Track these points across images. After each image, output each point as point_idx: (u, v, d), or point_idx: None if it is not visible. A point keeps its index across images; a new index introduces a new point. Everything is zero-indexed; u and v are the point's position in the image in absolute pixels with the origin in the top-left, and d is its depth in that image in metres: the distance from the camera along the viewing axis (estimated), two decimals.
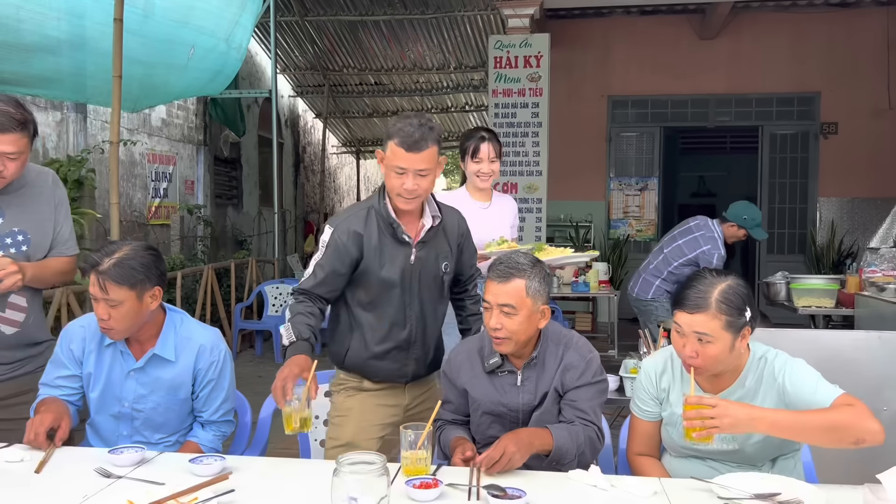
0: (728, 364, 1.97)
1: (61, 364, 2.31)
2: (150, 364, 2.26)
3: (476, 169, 3.24)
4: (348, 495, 1.61)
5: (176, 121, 8.15)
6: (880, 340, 3.08)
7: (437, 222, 2.36)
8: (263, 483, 1.85)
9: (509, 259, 2.18)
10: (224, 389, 2.35)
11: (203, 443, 2.33)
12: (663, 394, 2.09)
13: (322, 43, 10.29)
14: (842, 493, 1.77)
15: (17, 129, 2.24)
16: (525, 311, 2.12)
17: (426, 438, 1.89)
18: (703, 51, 9.13)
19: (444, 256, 2.41)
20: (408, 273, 2.34)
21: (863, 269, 4.62)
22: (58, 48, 5.17)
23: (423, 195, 2.29)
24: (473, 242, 2.59)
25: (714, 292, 1.91)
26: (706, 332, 1.89)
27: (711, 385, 2.03)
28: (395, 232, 2.31)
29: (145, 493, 1.69)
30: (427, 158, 2.21)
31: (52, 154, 6.08)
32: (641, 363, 2.26)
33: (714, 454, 2.03)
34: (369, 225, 2.32)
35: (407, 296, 2.36)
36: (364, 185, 14.46)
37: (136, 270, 2.16)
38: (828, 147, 9.09)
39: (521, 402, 2.19)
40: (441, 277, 2.42)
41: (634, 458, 2.15)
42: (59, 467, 1.97)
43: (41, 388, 2.31)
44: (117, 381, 2.27)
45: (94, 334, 2.29)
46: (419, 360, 2.44)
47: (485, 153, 3.22)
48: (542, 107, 7.77)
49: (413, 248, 2.33)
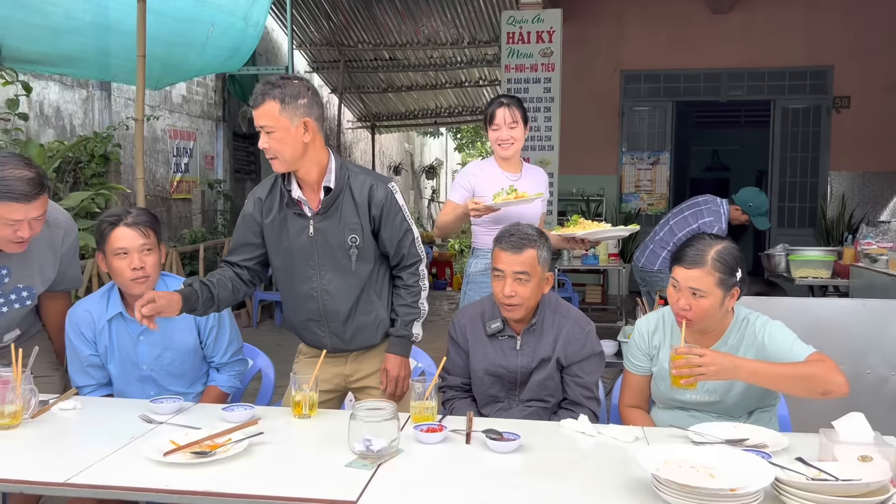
0: (715, 320, 2.17)
1: (80, 354, 2.47)
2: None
3: (495, 137, 3.09)
4: (363, 437, 1.83)
5: (196, 97, 8.35)
6: (865, 308, 3.25)
7: (336, 191, 2.28)
8: (287, 428, 2.08)
9: (519, 230, 2.37)
10: (227, 332, 2.57)
11: (221, 384, 2.57)
12: (654, 350, 2.29)
13: (337, 18, 10.40)
14: (804, 439, 1.96)
15: (42, 192, 2.21)
16: (536, 279, 2.33)
17: (433, 390, 2.11)
18: (716, 25, 9.16)
19: (353, 229, 2.31)
20: (308, 245, 2.32)
21: (858, 241, 4.76)
22: (83, 29, 5.36)
23: (280, 156, 2.20)
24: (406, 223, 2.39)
25: (711, 251, 2.11)
26: (700, 287, 2.09)
27: (698, 342, 2.21)
28: (292, 202, 2.30)
29: (185, 435, 1.91)
30: (263, 114, 2.15)
31: (78, 131, 6.32)
32: (637, 323, 2.43)
33: (697, 405, 2.24)
34: (273, 194, 2.34)
35: (309, 268, 2.35)
36: (379, 160, 14.62)
37: (158, 221, 2.46)
38: (840, 121, 9.12)
39: (520, 365, 2.40)
40: (348, 251, 2.32)
41: (625, 409, 2.37)
42: (107, 415, 2.21)
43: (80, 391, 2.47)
44: (129, 347, 2.47)
45: (98, 314, 2.46)
46: (337, 333, 2.42)
47: (501, 119, 3.06)
48: (554, 82, 7.87)
49: (310, 219, 2.31)
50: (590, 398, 2.39)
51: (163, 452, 1.80)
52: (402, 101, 13.26)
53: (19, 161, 2.21)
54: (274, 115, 2.15)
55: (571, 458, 1.88)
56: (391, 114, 13.72)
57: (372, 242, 2.36)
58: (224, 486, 1.67)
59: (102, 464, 1.79)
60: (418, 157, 19.79)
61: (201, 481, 1.69)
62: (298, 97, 2.17)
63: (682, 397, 2.23)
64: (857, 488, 1.47)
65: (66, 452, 1.89)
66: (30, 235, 2.24)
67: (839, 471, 1.58)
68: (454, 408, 2.43)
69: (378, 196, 2.32)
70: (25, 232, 2.22)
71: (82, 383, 2.50)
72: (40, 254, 2.42)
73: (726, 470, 1.58)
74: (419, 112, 13.60)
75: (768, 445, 1.88)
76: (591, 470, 1.79)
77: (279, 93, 2.15)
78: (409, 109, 13.59)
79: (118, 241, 2.36)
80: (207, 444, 1.86)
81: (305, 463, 1.83)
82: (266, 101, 2.15)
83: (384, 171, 15.80)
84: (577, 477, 1.74)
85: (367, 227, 2.33)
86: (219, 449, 1.84)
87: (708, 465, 1.61)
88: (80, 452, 1.86)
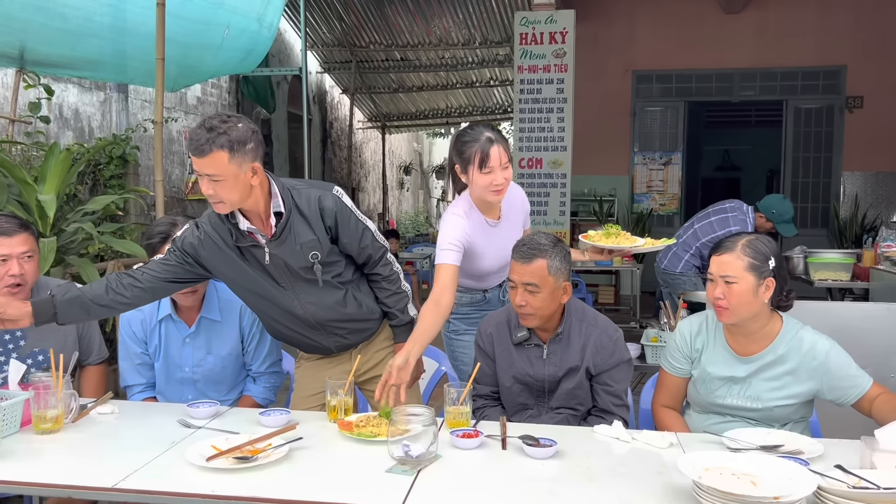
0: (751, 311, 2.15)
1: (132, 352, 2.58)
2: (201, 328, 2.55)
3: (488, 181, 2.54)
4: (402, 443, 1.85)
5: (210, 98, 8.39)
6: (888, 311, 3.25)
7: (286, 215, 2.21)
8: (324, 433, 2.10)
9: (531, 240, 2.36)
10: (267, 343, 2.64)
11: (255, 395, 2.63)
12: (696, 353, 2.31)
13: (349, 19, 10.43)
14: (839, 446, 1.97)
15: (22, 230, 2.42)
16: (548, 289, 2.31)
17: (467, 395, 2.12)
18: (728, 25, 9.15)
19: (310, 246, 2.25)
20: (271, 270, 2.27)
21: (878, 243, 4.76)
22: (102, 32, 5.40)
23: (228, 201, 2.12)
24: (360, 223, 2.33)
25: (742, 239, 2.18)
26: (730, 272, 2.12)
27: (744, 348, 2.22)
28: (241, 235, 2.23)
29: (225, 440, 1.94)
30: (211, 164, 2.04)
31: (96, 133, 6.36)
32: (678, 325, 2.43)
33: (736, 410, 2.24)
34: (219, 228, 2.25)
35: (283, 289, 2.30)
36: (389, 160, 14.65)
37: None
38: (853, 121, 9.10)
39: (547, 374, 2.40)
40: (312, 268, 2.27)
41: (659, 408, 2.38)
42: (145, 418, 2.24)
43: (128, 390, 2.60)
44: (175, 349, 2.55)
45: (150, 314, 2.57)
46: (337, 333, 2.41)
47: (496, 160, 2.53)
48: (567, 83, 7.88)
49: (265, 247, 2.24)
50: (620, 405, 2.40)
51: (205, 458, 1.83)
52: (413, 102, 13.29)
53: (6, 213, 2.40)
54: (222, 165, 2.04)
55: (608, 464, 1.90)
56: (402, 114, 13.75)
57: (333, 250, 2.31)
58: (268, 491, 1.70)
59: (147, 468, 1.82)
60: (427, 156, 19.83)
61: (245, 486, 1.72)
62: (246, 142, 2.06)
63: (722, 401, 2.24)
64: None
65: (109, 457, 1.92)
66: (20, 273, 2.39)
67: (879, 479, 1.59)
68: (485, 415, 2.44)
69: (328, 206, 2.26)
70: (15, 268, 2.39)
71: (133, 382, 2.58)
72: None
73: (768, 477, 1.60)
74: (430, 112, 13.62)
75: (804, 452, 1.89)
76: (628, 476, 1.81)
77: (226, 140, 2.03)
78: (419, 109, 13.61)
79: None
80: (248, 449, 1.89)
81: (346, 468, 1.85)
82: (213, 150, 2.02)
83: (393, 171, 15.84)
84: (615, 483, 1.76)
85: (325, 238, 2.27)
86: (260, 454, 1.87)
87: (749, 473, 1.63)
88: (123, 457, 1.89)
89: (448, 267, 2.54)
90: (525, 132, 7.99)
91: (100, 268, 4.56)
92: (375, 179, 14.74)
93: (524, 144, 8.02)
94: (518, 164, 8.07)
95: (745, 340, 2.23)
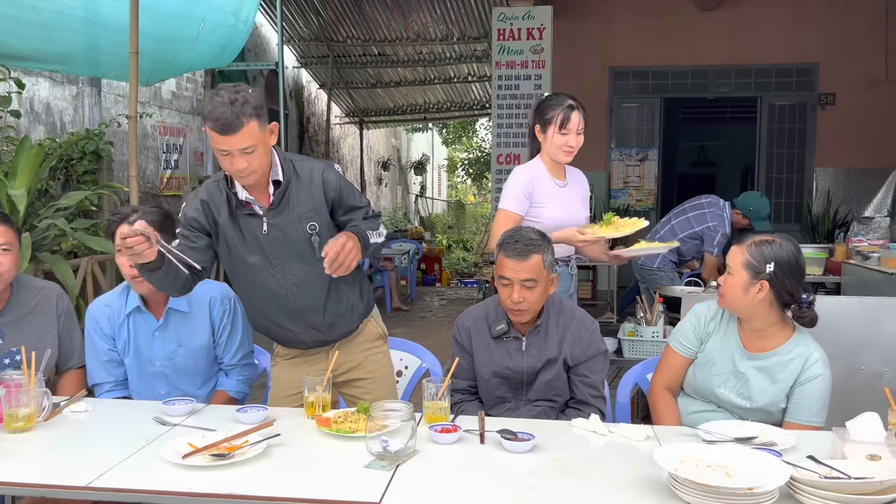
0: (744, 309, 2.23)
1: (99, 349, 2.51)
2: (170, 320, 2.50)
3: (563, 142, 2.90)
4: (380, 437, 1.85)
5: (185, 93, 8.30)
6: (860, 305, 3.30)
7: (285, 183, 2.22)
8: (302, 429, 2.09)
9: (522, 237, 2.37)
10: (239, 334, 2.61)
11: (229, 389, 2.60)
12: (706, 336, 2.37)
13: (326, 14, 10.37)
14: (810, 437, 2.01)
15: (1, 222, 2.38)
16: (543, 283, 2.35)
17: (446, 390, 2.13)
18: (703, 22, 9.22)
19: (309, 217, 2.24)
20: (266, 243, 2.26)
21: (850, 238, 4.83)
22: (74, 25, 5.32)
23: (259, 170, 2.14)
24: (364, 199, 2.39)
25: (756, 238, 2.24)
26: (730, 263, 2.23)
27: (752, 343, 2.29)
28: (240, 205, 2.24)
29: (201, 438, 1.92)
30: (247, 137, 2.05)
31: (69, 128, 6.26)
32: (694, 306, 2.47)
33: (722, 402, 2.30)
34: (216, 199, 2.26)
35: (271, 266, 2.28)
36: (367, 156, 14.61)
37: (164, 218, 2.46)
38: (825, 118, 9.22)
39: (526, 366, 2.42)
40: (309, 240, 2.26)
41: (659, 391, 2.42)
42: (119, 416, 2.22)
43: (96, 389, 2.53)
44: (145, 342, 2.51)
45: (118, 309, 2.52)
46: (315, 326, 2.39)
47: (574, 124, 2.88)
48: (544, 79, 7.91)
49: (263, 217, 2.23)
50: (597, 397, 2.42)
51: (181, 455, 1.81)
52: (391, 97, 13.26)
53: None
54: (255, 134, 2.06)
55: (585, 457, 1.91)
56: (379, 109, 13.72)
57: (330, 224, 2.30)
58: (245, 488, 1.69)
59: (122, 466, 1.80)
60: (405, 152, 19.78)
61: (222, 484, 1.71)
62: (263, 105, 2.08)
63: (716, 390, 2.30)
64: (871, 486, 1.51)
65: (83, 455, 1.89)
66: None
67: (850, 469, 1.62)
68: (462, 410, 2.44)
69: (332, 178, 2.28)
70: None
71: (101, 380, 2.52)
72: (33, 317, 2.50)
73: (742, 469, 1.62)
74: (408, 107, 13.60)
75: (777, 443, 1.92)
76: (606, 469, 1.82)
77: (251, 109, 2.04)
78: (397, 105, 13.59)
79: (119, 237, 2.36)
80: (225, 446, 1.88)
81: (324, 464, 1.85)
82: (245, 122, 2.03)
83: (372, 166, 15.78)
84: (593, 476, 1.77)
85: (324, 210, 2.27)
86: (237, 451, 1.85)
87: (723, 464, 1.65)
88: (97, 455, 1.86)
89: (511, 214, 2.89)
90: (503, 128, 8.01)
91: (73, 265, 4.50)
92: (353, 175, 14.68)
93: (502, 140, 8.04)
94: (496, 160, 8.10)
95: (754, 336, 2.29)
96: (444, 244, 14.41)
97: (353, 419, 2.07)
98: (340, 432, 2.01)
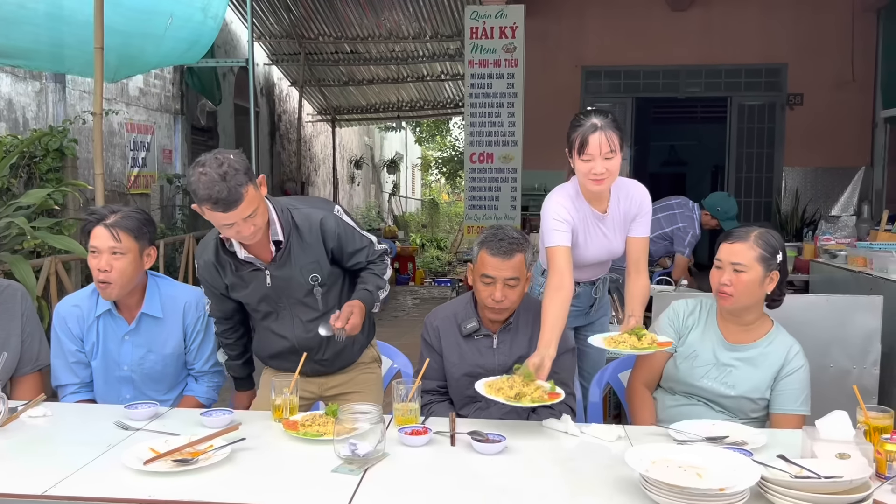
0: (753, 300, 2.24)
1: (66, 349, 2.43)
2: (142, 324, 2.44)
3: (587, 169, 2.44)
4: (349, 441, 1.81)
5: (153, 90, 8.16)
6: (828, 303, 3.34)
7: (286, 241, 2.22)
8: (269, 433, 2.04)
9: (506, 235, 2.36)
10: (211, 341, 2.55)
11: (198, 395, 2.54)
12: (685, 330, 2.38)
13: (297, 10, 10.27)
14: (780, 436, 2.01)
15: None
16: (523, 281, 2.36)
17: (416, 392, 2.09)
18: (674, 22, 9.28)
19: (311, 269, 2.26)
20: (271, 295, 2.29)
21: (818, 237, 4.88)
22: (36, 19, 5.20)
23: (263, 225, 2.14)
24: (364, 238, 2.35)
25: (755, 230, 2.25)
26: (741, 261, 2.20)
27: (734, 336, 2.30)
28: (241, 263, 2.26)
29: (164, 442, 1.87)
30: (248, 204, 2.03)
31: (32, 124, 6.12)
32: (672, 303, 2.48)
33: (706, 393, 2.30)
34: (220, 257, 2.28)
35: (279, 309, 2.33)
36: (339, 154, 14.51)
37: (142, 223, 2.37)
38: (793, 118, 9.34)
39: (497, 364, 2.40)
40: (311, 290, 2.29)
41: (638, 387, 2.43)
42: (79, 421, 2.15)
43: (60, 390, 2.46)
44: (114, 346, 2.44)
45: (88, 310, 2.44)
46: (321, 361, 2.42)
47: (595, 147, 2.40)
48: (517, 77, 7.91)
49: (265, 271, 2.25)
50: (567, 394, 2.40)
51: (143, 461, 1.76)
52: (364, 95, 13.18)
53: None
54: (253, 198, 2.04)
55: (557, 458, 1.89)
56: (352, 107, 13.63)
57: (333, 271, 2.33)
58: (209, 494, 1.64)
59: (80, 473, 1.74)
60: (378, 150, 19.70)
61: (185, 490, 1.66)
62: (249, 165, 2.06)
63: (698, 382, 2.30)
64: (840, 485, 1.51)
65: (40, 462, 1.83)
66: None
67: (820, 468, 1.62)
68: (432, 411, 2.41)
69: (330, 227, 2.25)
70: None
71: (66, 381, 2.44)
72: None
73: (713, 469, 1.61)
74: (381, 106, 13.53)
75: (748, 443, 1.92)
76: (577, 470, 1.80)
77: (243, 176, 2.00)
78: (370, 103, 13.51)
79: (93, 239, 2.32)
80: (188, 451, 1.82)
81: (291, 469, 1.81)
82: (245, 191, 2.00)
83: (344, 165, 15.68)
84: (565, 477, 1.76)
85: (325, 259, 2.28)
86: (201, 456, 1.80)
87: (694, 465, 1.64)
88: (55, 462, 1.80)
89: (559, 249, 2.48)
90: (476, 126, 7.99)
91: (35, 264, 4.39)
92: (325, 173, 14.58)
93: (475, 139, 8.02)
94: (469, 158, 8.08)
95: (737, 329, 2.31)
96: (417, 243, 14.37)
97: (321, 422, 2.03)
98: (308, 436, 1.96)
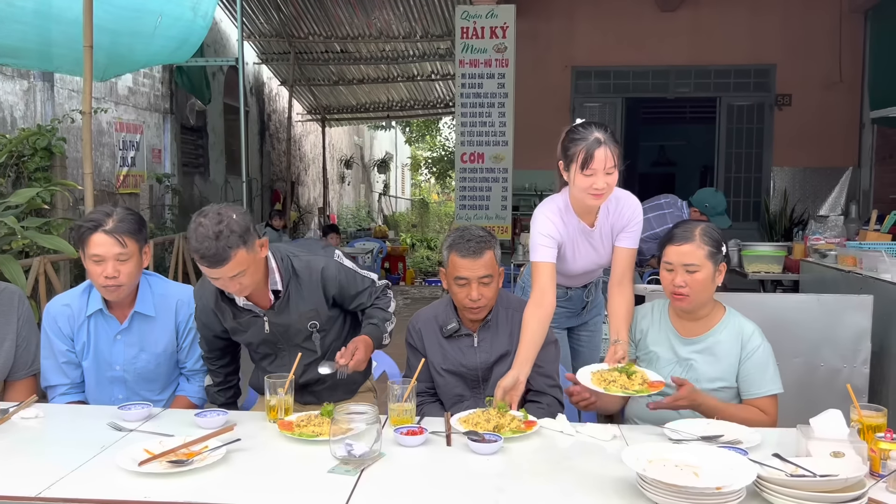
0: (707, 297, 2.27)
1: (56, 349, 2.41)
2: (134, 324, 2.42)
3: (588, 184, 2.41)
4: (345, 441, 1.81)
5: (142, 89, 8.12)
6: (819, 303, 3.36)
7: (285, 289, 2.26)
8: (264, 433, 2.03)
9: (473, 235, 2.38)
10: None
11: (190, 394, 2.53)
12: (641, 334, 2.40)
13: (287, 9, 10.24)
14: (774, 435, 2.02)
15: None
16: (496, 277, 2.39)
17: (411, 392, 2.09)
18: (664, 23, 9.32)
19: (310, 316, 2.30)
20: (270, 339, 2.33)
21: (808, 236, 4.91)
22: (24, 17, 5.15)
23: (252, 285, 2.17)
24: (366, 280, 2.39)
25: (697, 228, 2.28)
26: (693, 261, 2.22)
27: (688, 330, 2.32)
28: (241, 310, 2.29)
29: (159, 444, 1.86)
30: (235, 266, 2.05)
31: (20, 123, 6.07)
32: None
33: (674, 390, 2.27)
34: (219, 303, 2.30)
35: (278, 355, 2.38)
36: (329, 153, 14.47)
37: (139, 223, 2.37)
38: (782, 118, 9.39)
39: (479, 361, 2.43)
40: (310, 336, 2.33)
41: None
42: (72, 423, 2.14)
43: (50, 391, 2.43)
44: (106, 346, 2.42)
45: (78, 309, 2.42)
46: (314, 394, 2.45)
47: (600, 163, 2.37)
48: (507, 77, 7.91)
49: (264, 318, 2.29)
50: (553, 386, 2.42)
51: (137, 462, 1.75)
52: (354, 94, 13.15)
53: None
54: (243, 260, 2.06)
55: (553, 457, 1.90)
56: (342, 107, 13.60)
57: (332, 315, 2.36)
58: (204, 496, 1.63)
59: (74, 475, 1.73)
60: (368, 150, 19.67)
61: (180, 491, 1.65)
62: (249, 227, 2.07)
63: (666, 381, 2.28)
64: (836, 483, 1.52)
65: (33, 464, 1.81)
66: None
67: (815, 466, 1.63)
68: (423, 412, 2.42)
69: (332, 275, 2.30)
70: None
71: (56, 381, 2.42)
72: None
73: (709, 468, 1.61)
74: (370, 105, 13.50)
75: (742, 441, 1.93)
76: (573, 470, 1.81)
77: (237, 238, 2.02)
78: (360, 102, 13.48)
79: (95, 247, 2.27)
80: (183, 452, 1.81)
81: (287, 470, 1.80)
82: (232, 254, 2.02)
83: (334, 164, 15.65)
84: (561, 477, 1.76)
85: (324, 306, 2.32)
86: (196, 457, 1.79)
87: (691, 464, 1.64)
88: (48, 463, 1.79)
89: (543, 265, 2.48)
90: (467, 126, 7.99)
91: (24, 264, 4.35)
92: (315, 173, 14.54)
93: (466, 139, 8.02)
94: (460, 158, 8.08)
95: (690, 323, 2.33)
96: (407, 243, 14.37)
97: (317, 423, 2.02)
98: (303, 436, 1.96)
